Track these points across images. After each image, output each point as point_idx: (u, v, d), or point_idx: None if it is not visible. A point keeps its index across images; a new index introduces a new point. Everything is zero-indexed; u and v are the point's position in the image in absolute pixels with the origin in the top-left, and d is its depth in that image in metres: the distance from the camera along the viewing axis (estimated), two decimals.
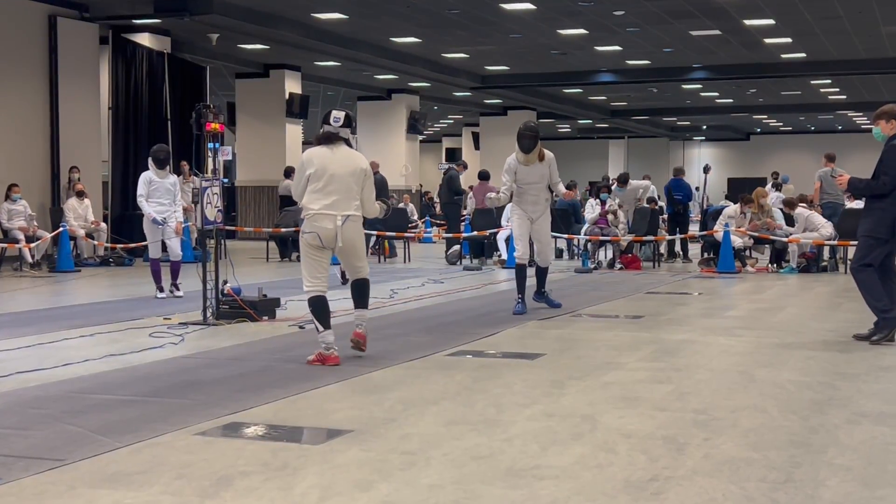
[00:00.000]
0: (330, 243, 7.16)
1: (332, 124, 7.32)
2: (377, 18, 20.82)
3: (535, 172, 10.13)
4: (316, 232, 7.12)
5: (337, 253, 7.27)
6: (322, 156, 7.22)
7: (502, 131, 36.86)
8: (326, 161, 7.19)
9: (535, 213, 10.25)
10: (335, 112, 7.40)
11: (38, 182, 17.96)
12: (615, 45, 24.38)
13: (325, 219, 7.11)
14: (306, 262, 7.27)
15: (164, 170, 11.84)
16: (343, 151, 7.28)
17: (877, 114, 8.27)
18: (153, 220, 11.69)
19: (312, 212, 7.14)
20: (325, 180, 7.14)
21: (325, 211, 7.11)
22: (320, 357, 7.16)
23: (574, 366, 7.16)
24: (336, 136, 7.29)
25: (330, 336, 7.15)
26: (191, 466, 4.49)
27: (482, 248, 18.59)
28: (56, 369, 7.00)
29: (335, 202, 7.13)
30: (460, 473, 4.38)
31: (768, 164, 44.02)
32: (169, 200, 11.83)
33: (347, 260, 7.44)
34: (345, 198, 7.17)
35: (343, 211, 7.15)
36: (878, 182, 8.02)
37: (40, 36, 17.97)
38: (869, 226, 8.12)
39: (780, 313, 10.54)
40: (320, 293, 7.22)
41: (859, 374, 6.88)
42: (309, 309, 7.25)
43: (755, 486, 4.17)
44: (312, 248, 7.20)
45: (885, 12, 20.19)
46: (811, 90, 34.08)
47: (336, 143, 7.28)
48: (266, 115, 26.83)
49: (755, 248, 16.50)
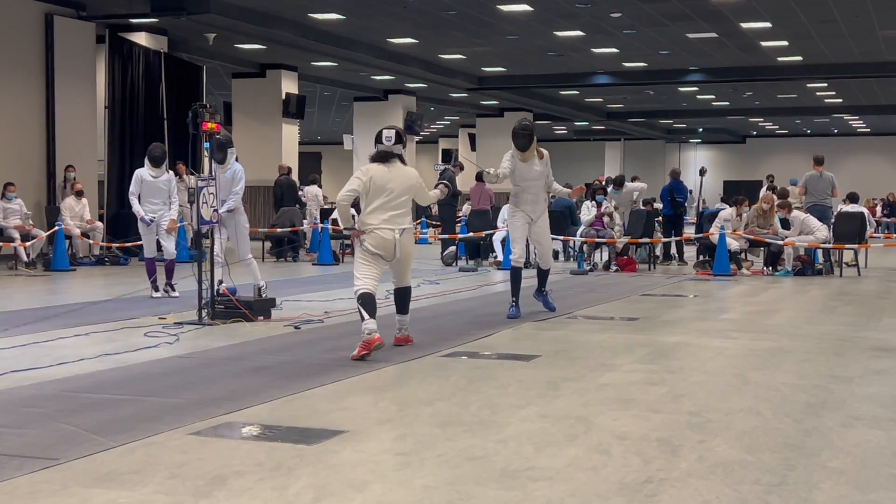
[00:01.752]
0: (389, 254, 7.71)
1: (385, 143, 7.84)
2: (374, 19, 20.83)
3: (534, 169, 10.06)
4: (378, 243, 7.66)
5: (392, 263, 7.81)
6: (380, 173, 7.73)
7: (499, 132, 36.82)
8: (384, 179, 7.71)
9: (535, 214, 10.10)
10: (386, 131, 7.91)
11: (33, 181, 17.95)
12: (612, 47, 24.40)
13: (386, 232, 7.67)
14: (361, 266, 7.71)
15: (159, 168, 11.83)
16: (398, 169, 7.81)
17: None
18: (141, 218, 11.72)
19: (373, 226, 7.67)
20: (384, 197, 7.68)
21: (384, 226, 7.68)
22: (364, 345, 7.41)
23: (569, 367, 7.16)
24: (391, 155, 7.82)
25: (372, 324, 7.47)
26: (185, 466, 4.49)
27: (478, 250, 18.60)
28: (51, 368, 6.99)
29: (392, 217, 7.70)
30: (454, 474, 4.38)
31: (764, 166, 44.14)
32: (162, 200, 11.81)
33: (400, 267, 7.96)
34: (402, 213, 7.79)
35: (400, 225, 7.73)
36: None
37: (37, 34, 17.96)
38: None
39: (775, 316, 10.55)
40: (369, 290, 7.62)
41: (853, 377, 6.89)
42: (358, 302, 7.55)
43: (749, 489, 4.17)
44: (370, 255, 7.70)
45: (882, 16, 20.23)
46: (807, 93, 34.14)
47: (391, 161, 7.80)
48: (262, 114, 26.81)
49: (750, 250, 16.53)
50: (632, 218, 17.87)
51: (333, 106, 36.94)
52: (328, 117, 40.86)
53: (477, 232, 18.21)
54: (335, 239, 18.96)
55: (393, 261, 7.76)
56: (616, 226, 17.20)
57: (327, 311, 10.46)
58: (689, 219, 21.83)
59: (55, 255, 16.17)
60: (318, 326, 9.41)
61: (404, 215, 7.81)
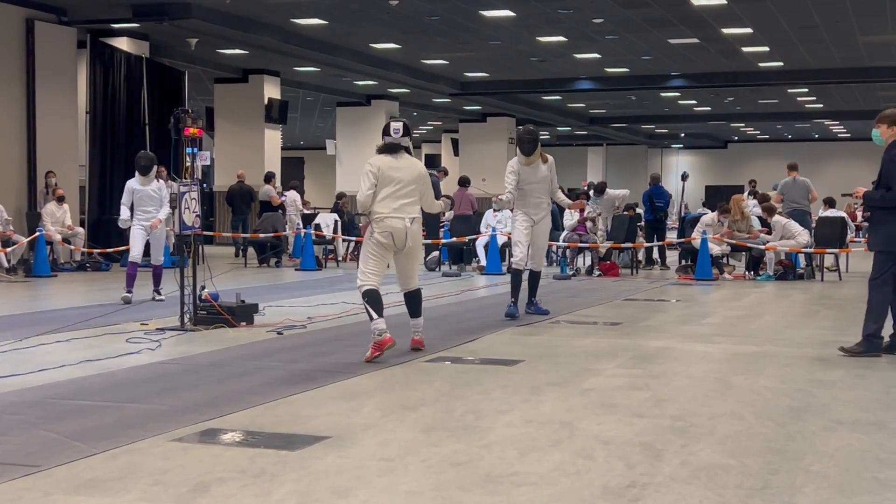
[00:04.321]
0: (400, 243, 7.74)
1: (393, 135, 7.92)
2: (357, 24, 20.81)
3: (538, 173, 10.37)
4: (390, 231, 7.68)
5: (400, 255, 7.83)
6: (388, 164, 7.78)
7: (482, 138, 36.95)
8: (393, 169, 7.77)
9: (538, 217, 10.41)
10: (394, 123, 8.00)
11: (14, 186, 17.85)
12: (594, 52, 24.47)
13: (397, 221, 7.70)
14: (368, 259, 7.74)
15: (146, 176, 11.82)
16: (405, 160, 7.89)
17: (879, 117, 7.94)
18: (118, 219, 11.87)
19: (383, 215, 7.69)
20: (392, 186, 7.73)
21: (395, 214, 7.70)
22: (376, 346, 7.48)
23: (552, 372, 7.17)
24: (398, 146, 7.89)
25: (382, 324, 7.54)
26: (167, 473, 4.47)
27: (461, 255, 18.60)
28: (32, 375, 6.95)
29: (402, 206, 7.74)
30: (438, 480, 4.37)
31: (745, 171, 44.28)
32: (155, 207, 11.86)
33: (408, 261, 7.97)
34: (411, 203, 7.82)
35: (410, 214, 7.79)
36: (892, 193, 7.83)
37: (17, 40, 17.86)
38: (882, 240, 7.95)
39: (758, 320, 10.59)
40: (375, 287, 7.65)
41: (836, 381, 6.92)
42: (364, 300, 7.62)
43: (732, 493, 4.18)
44: (380, 247, 7.73)
45: (862, 22, 20.35)
46: (788, 99, 34.31)
47: (399, 153, 7.87)
48: (245, 120, 26.76)
49: (732, 255, 16.59)
50: (614, 223, 17.90)
51: (316, 111, 36.90)
52: (311, 122, 40.80)
53: (460, 237, 18.21)
54: (318, 244, 18.93)
55: (402, 251, 7.76)
56: (599, 231, 17.23)
57: (310, 316, 10.44)
58: (671, 223, 21.90)
59: (36, 261, 16.07)
60: (301, 332, 9.38)
61: (413, 204, 7.83)
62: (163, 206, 11.90)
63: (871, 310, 7.94)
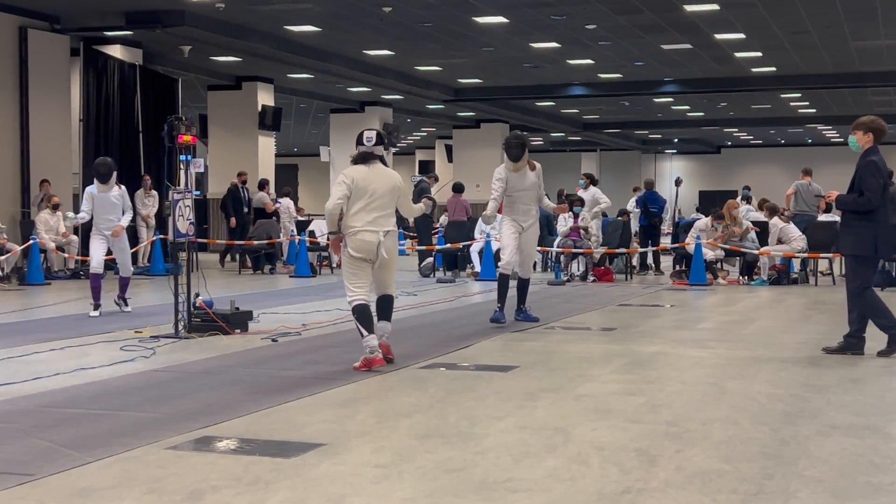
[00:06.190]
0: (372, 256, 7.56)
1: (366, 144, 7.73)
2: (350, 31, 20.82)
3: (526, 180, 10.28)
4: (359, 246, 7.51)
5: (375, 268, 7.63)
6: (361, 175, 7.60)
7: (475, 144, 36.93)
8: (366, 181, 7.58)
9: (526, 224, 10.32)
10: (367, 132, 7.80)
11: (8, 194, 17.82)
12: (587, 58, 24.49)
13: (370, 234, 7.51)
14: (349, 274, 7.64)
15: (105, 184, 11.69)
16: (379, 169, 7.69)
17: (855, 123, 8.11)
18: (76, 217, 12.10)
19: (356, 228, 7.51)
20: (366, 199, 7.55)
21: (368, 228, 7.52)
22: (366, 362, 7.45)
23: (547, 378, 7.17)
24: (372, 156, 7.71)
25: (374, 340, 7.49)
26: (162, 481, 4.46)
27: (455, 261, 18.60)
28: (26, 383, 6.94)
29: (376, 219, 7.55)
30: (433, 487, 4.37)
31: (739, 177, 44.36)
32: (116, 215, 11.68)
33: (383, 273, 7.76)
34: (385, 215, 7.62)
35: (384, 227, 7.58)
36: (864, 199, 7.92)
37: (11, 48, 17.84)
38: (852, 244, 8.03)
39: (752, 325, 10.60)
40: (364, 301, 7.55)
41: (830, 386, 6.93)
42: (354, 316, 7.54)
43: (727, 498, 4.19)
44: (356, 261, 7.58)
45: (854, 27, 20.40)
46: (781, 104, 34.37)
47: (372, 162, 7.69)
48: (238, 127, 26.72)
49: (726, 260, 16.61)
50: (609, 228, 17.91)
51: (310, 118, 36.88)
52: (305, 129, 40.78)
53: (454, 243, 18.21)
54: (312, 251, 18.92)
55: (377, 263, 7.57)
56: (592, 236, 17.24)
57: (304, 323, 10.44)
58: (666, 229, 21.92)
59: (30, 269, 16.06)
60: (296, 339, 9.38)
61: (388, 217, 7.64)
62: (125, 213, 11.81)
63: (871, 312, 8.03)
